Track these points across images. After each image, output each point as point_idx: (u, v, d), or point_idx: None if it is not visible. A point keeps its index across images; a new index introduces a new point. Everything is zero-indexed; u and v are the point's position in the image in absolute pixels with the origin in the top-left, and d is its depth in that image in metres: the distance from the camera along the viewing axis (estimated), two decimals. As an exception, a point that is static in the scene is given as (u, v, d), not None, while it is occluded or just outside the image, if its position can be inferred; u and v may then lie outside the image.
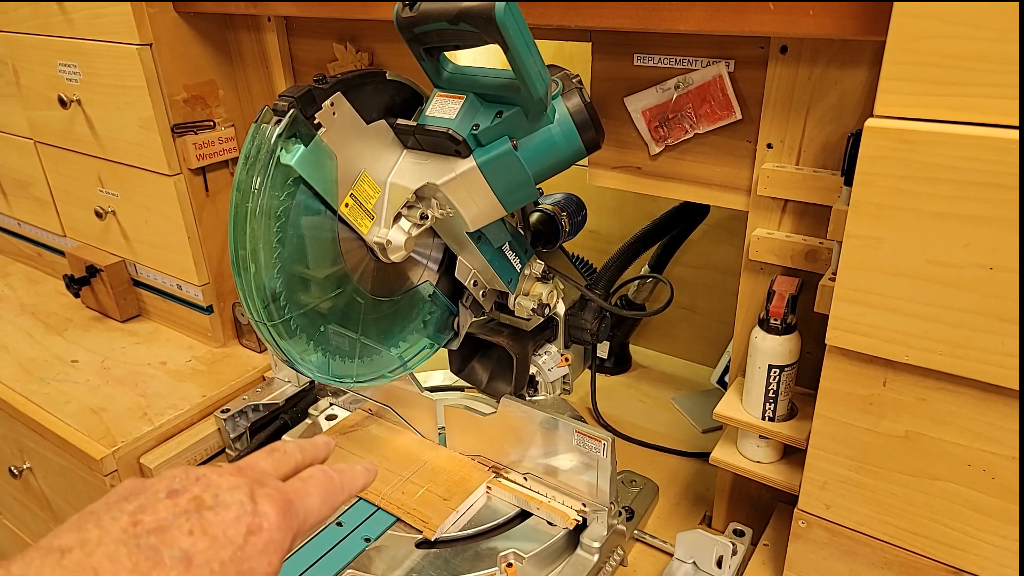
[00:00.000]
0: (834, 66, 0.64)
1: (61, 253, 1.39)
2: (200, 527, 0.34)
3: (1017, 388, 0.52)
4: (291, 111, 0.67)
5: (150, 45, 1.01)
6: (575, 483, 0.82)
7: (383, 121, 0.75)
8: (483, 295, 0.87)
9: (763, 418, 0.74)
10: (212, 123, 1.10)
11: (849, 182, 0.56)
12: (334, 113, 0.70)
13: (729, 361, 0.93)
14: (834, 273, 0.61)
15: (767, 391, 0.72)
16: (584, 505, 0.82)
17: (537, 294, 0.90)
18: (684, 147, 0.77)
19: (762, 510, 0.84)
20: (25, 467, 1.19)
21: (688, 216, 1.06)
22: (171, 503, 0.34)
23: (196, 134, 1.08)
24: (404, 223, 0.76)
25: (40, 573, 0.29)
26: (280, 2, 0.92)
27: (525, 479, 0.87)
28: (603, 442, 0.77)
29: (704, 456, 0.91)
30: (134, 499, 0.34)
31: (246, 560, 0.34)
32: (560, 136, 0.72)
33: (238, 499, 0.36)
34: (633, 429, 1.05)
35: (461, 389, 1.09)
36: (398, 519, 0.84)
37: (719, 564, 0.77)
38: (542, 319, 0.92)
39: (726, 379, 1.02)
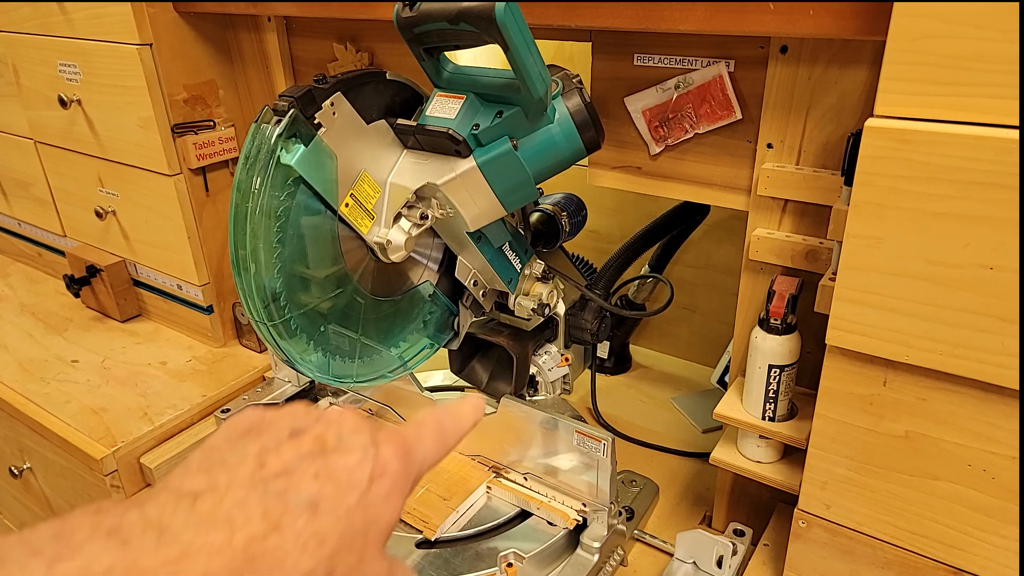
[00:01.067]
0: (834, 66, 0.64)
1: (61, 253, 1.39)
2: (326, 471, 0.32)
3: (1017, 388, 0.52)
4: (291, 111, 0.67)
5: (150, 45, 1.01)
6: (575, 483, 0.82)
7: (383, 121, 0.75)
8: (483, 295, 0.87)
9: (763, 418, 0.74)
10: (212, 123, 1.10)
11: (849, 182, 0.56)
12: (334, 113, 0.70)
13: (729, 361, 0.93)
14: (834, 273, 0.61)
15: (767, 391, 0.72)
16: (584, 505, 0.82)
17: (537, 294, 0.90)
18: (684, 147, 0.77)
19: (762, 510, 0.84)
20: (25, 467, 1.19)
21: (688, 216, 1.06)
22: (295, 444, 0.33)
23: (196, 134, 1.08)
24: (404, 223, 0.76)
25: (174, 518, 0.28)
26: (280, 2, 0.92)
27: (525, 479, 0.87)
28: (603, 442, 0.77)
29: (704, 456, 0.91)
30: (255, 437, 0.33)
31: (371, 506, 0.33)
32: (560, 136, 0.72)
33: (361, 443, 0.34)
34: (633, 429, 1.05)
35: (461, 389, 1.09)
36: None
37: (719, 564, 0.77)
38: (542, 319, 0.92)
39: (726, 379, 1.02)
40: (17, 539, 0.26)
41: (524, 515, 0.86)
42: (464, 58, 0.94)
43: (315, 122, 0.69)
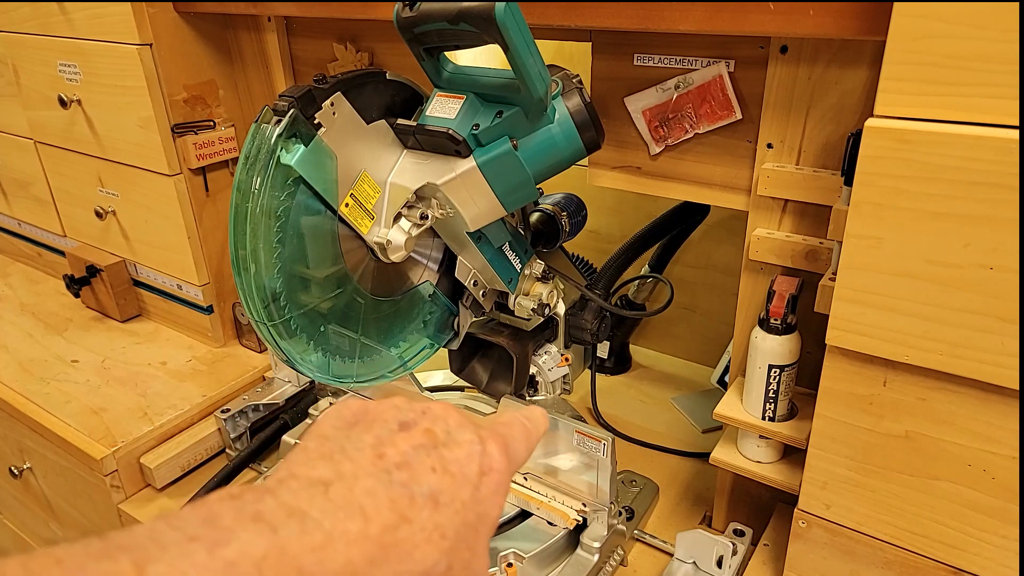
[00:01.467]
0: (834, 66, 0.64)
1: (61, 253, 1.39)
2: (441, 464, 0.32)
3: (1017, 388, 0.52)
4: (291, 111, 0.67)
5: (150, 45, 1.01)
6: (575, 483, 0.82)
7: (383, 121, 0.75)
8: (483, 295, 0.87)
9: (763, 418, 0.74)
10: (212, 123, 1.10)
11: (849, 182, 0.56)
12: (334, 113, 0.70)
13: (729, 361, 0.93)
14: (834, 273, 0.61)
15: (767, 391, 0.72)
16: (584, 505, 0.82)
17: (537, 294, 0.90)
18: (684, 147, 0.77)
19: (762, 510, 0.84)
20: (25, 467, 1.19)
21: (688, 216, 1.06)
22: (407, 436, 0.33)
23: (196, 134, 1.08)
24: (404, 223, 0.76)
25: (312, 505, 0.29)
26: (280, 2, 0.92)
27: (525, 479, 0.87)
28: (603, 442, 0.77)
29: (704, 456, 0.91)
30: (366, 428, 0.33)
31: (481, 502, 0.33)
32: (560, 136, 0.72)
33: (468, 438, 0.35)
34: (633, 429, 1.05)
35: (461, 389, 1.09)
36: (398, 519, 0.84)
37: (719, 564, 0.77)
38: (542, 319, 0.92)
39: (726, 379, 1.02)
40: (166, 524, 0.26)
41: (524, 515, 0.86)
42: (464, 58, 0.94)
43: (315, 122, 0.69)
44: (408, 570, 0.30)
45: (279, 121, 0.67)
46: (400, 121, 0.75)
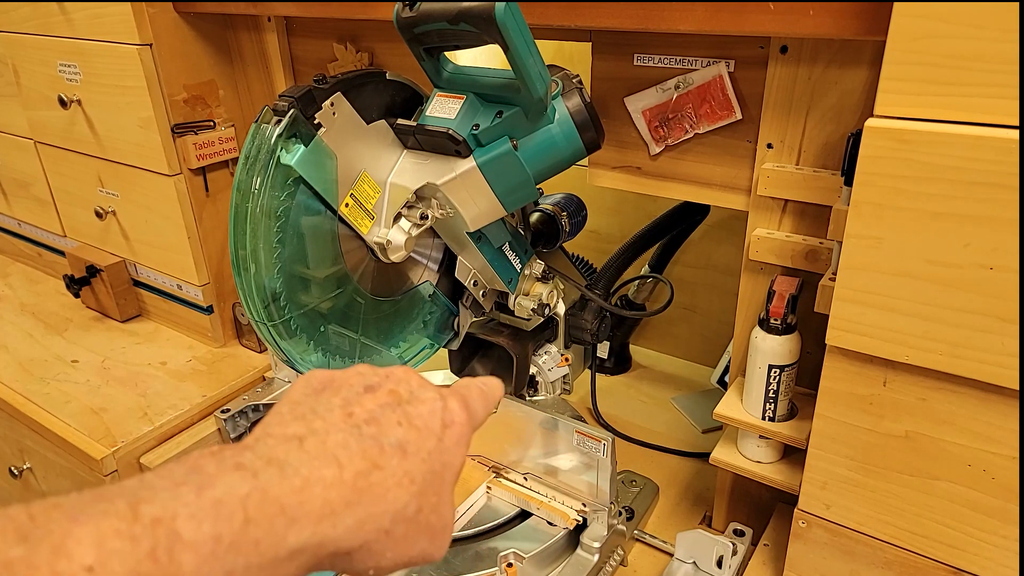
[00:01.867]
0: (834, 66, 0.64)
1: (61, 253, 1.39)
2: (407, 419, 0.35)
3: (1017, 388, 0.52)
4: (291, 111, 0.67)
5: (150, 45, 1.01)
6: (575, 483, 0.82)
7: (383, 121, 0.75)
8: (483, 295, 0.87)
9: (763, 418, 0.74)
10: (212, 123, 1.10)
11: (849, 182, 0.56)
12: (334, 113, 0.70)
13: (729, 361, 0.93)
14: (834, 273, 0.61)
15: (767, 391, 0.72)
16: (584, 505, 0.82)
17: (537, 294, 0.90)
18: (684, 147, 0.77)
19: (762, 510, 0.84)
20: (25, 467, 1.19)
21: (688, 216, 1.06)
22: (372, 397, 0.36)
23: (196, 134, 1.08)
24: (404, 223, 0.76)
25: (288, 456, 0.31)
26: (280, 2, 0.92)
27: (525, 479, 0.87)
28: (603, 442, 0.77)
29: (704, 456, 0.91)
30: (334, 392, 0.36)
31: (445, 451, 0.36)
32: (560, 136, 0.72)
33: (430, 395, 0.38)
34: (633, 429, 1.05)
35: (461, 389, 1.09)
36: (398, 519, 0.84)
37: (719, 564, 0.77)
38: (542, 319, 0.92)
39: (726, 379, 1.02)
40: (153, 475, 0.29)
41: (524, 515, 0.86)
42: (464, 58, 0.94)
43: (315, 122, 0.69)
44: (382, 511, 0.33)
45: (279, 121, 0.67)
46: (400, 121, 0.75)
